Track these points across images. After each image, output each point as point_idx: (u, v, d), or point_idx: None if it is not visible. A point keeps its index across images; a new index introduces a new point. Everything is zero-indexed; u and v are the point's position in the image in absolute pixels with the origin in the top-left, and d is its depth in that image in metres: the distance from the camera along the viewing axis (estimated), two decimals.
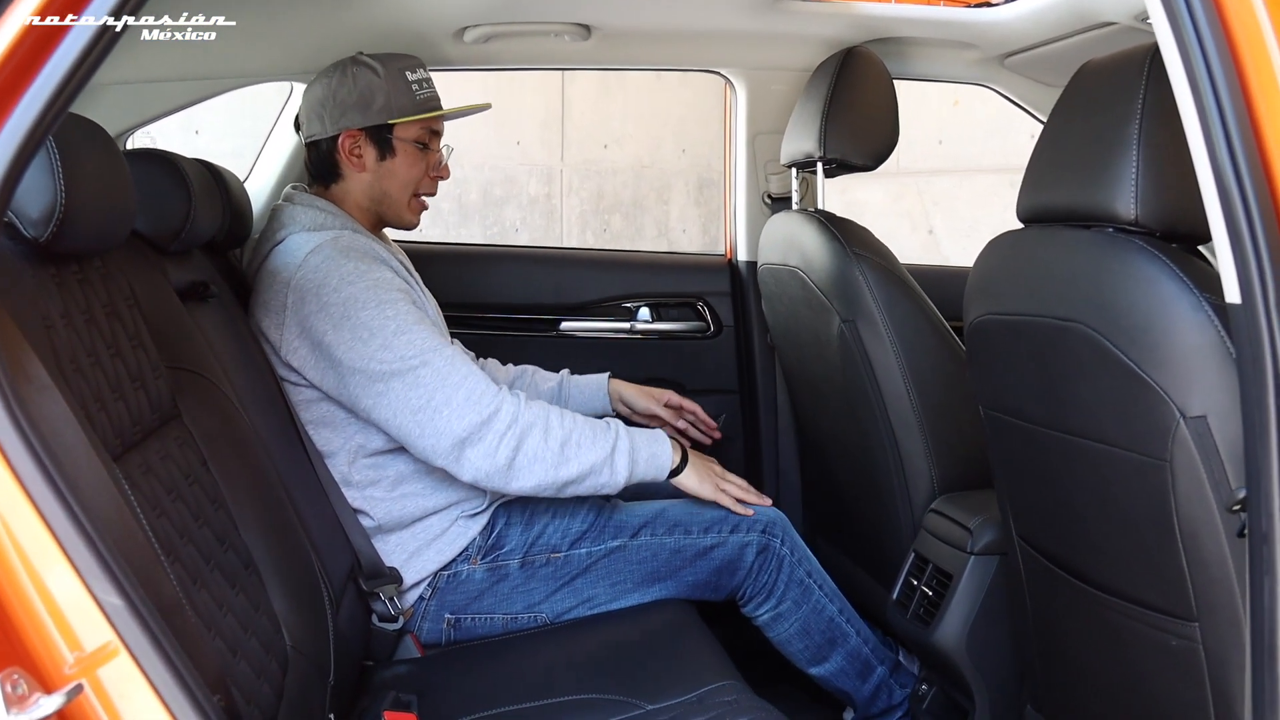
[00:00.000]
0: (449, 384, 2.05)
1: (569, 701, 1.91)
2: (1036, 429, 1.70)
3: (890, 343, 2.27)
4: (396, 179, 2.31)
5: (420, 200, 2.37)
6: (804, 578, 2.36)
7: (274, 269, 2.16)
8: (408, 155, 2.30)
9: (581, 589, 2.27)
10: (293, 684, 1.64)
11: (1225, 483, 1.37)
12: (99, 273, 1.57)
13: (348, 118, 2.26)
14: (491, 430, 2.05)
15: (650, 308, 3.17)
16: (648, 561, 2.28)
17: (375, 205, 2.32)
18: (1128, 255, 1.44)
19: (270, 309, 2.14)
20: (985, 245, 1.82)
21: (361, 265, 2.11)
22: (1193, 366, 1.37)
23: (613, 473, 2.14)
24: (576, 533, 2.28)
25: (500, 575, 2.25)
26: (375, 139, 2.28)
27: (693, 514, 2.32)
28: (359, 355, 2.05)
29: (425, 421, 2.05)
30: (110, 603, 1.02)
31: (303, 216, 2.23)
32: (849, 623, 2.41)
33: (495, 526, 2.27)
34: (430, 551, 2.22)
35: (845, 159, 2.46)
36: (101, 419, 1.41)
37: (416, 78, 2.29)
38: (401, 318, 2.08)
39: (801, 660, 2.42)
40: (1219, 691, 1.47)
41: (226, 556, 1.62)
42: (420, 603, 2.24)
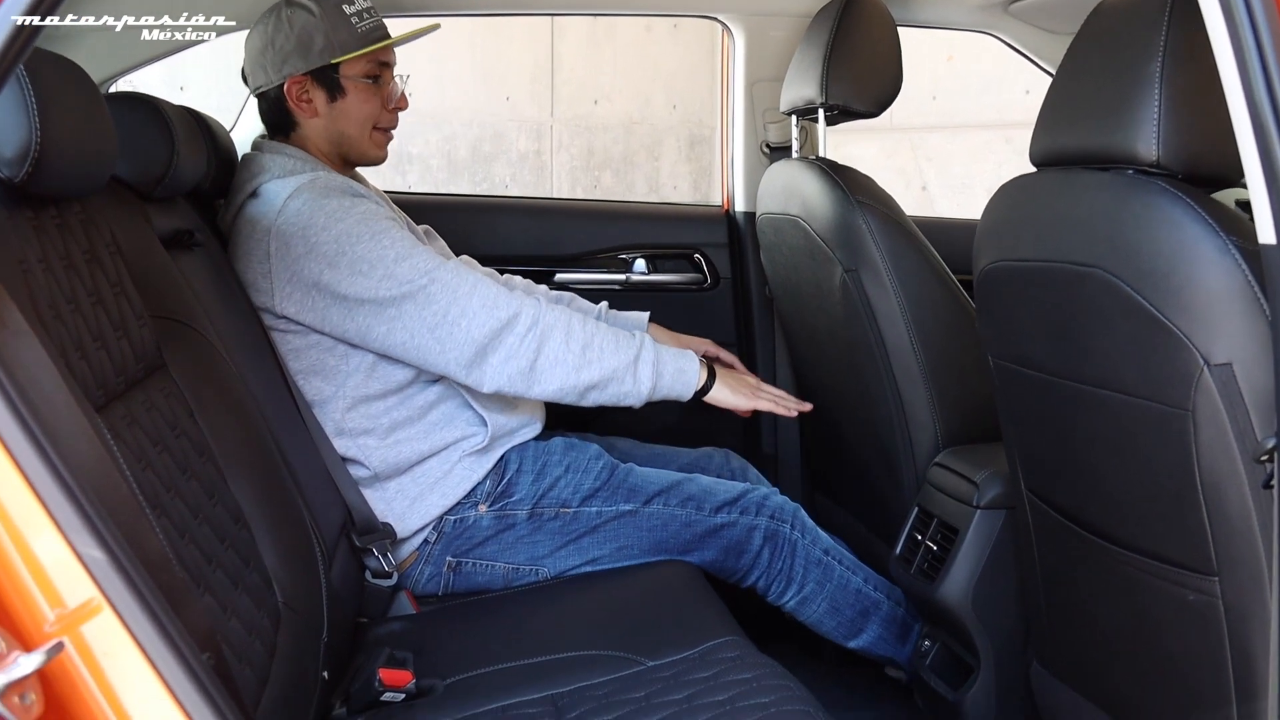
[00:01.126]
0: (460, 294, 2.04)
1: (568, 658, 1.88)
2: (1050, 379, 1.66)
3: (894, 293, 2.22)
4: (351, 118, 2.23)
5: (382, 133, 2.29)
6: (821, 556, 2.33)
7: (252, 219, 2.11)
8: (359, 92, 2.23)
9: (587, 548, 2.23)
10: (285, 641, 1.60)
11: (1250, 432, 1.32)
12: (79, 218, 1.52)
13: (290, 64, 2.17)
14: (512, 333, 2.04)
15: (646, 259, 3.11)
16: (657, 530, 2.25)
17: (336, 147, 2.26)
18: (1149, 197, 1.39)
19: (253, 259, 2.09)
20: (996, 190, 1.77)
21: (345, 201, 2.07)
22: (1218, 312, 1.32)
23: (636, 381, 2.13)
24: (589, 489, 2.24)
25: (507, 524, 2.21)
26: (322, 81, 2.20)
27: (707, 491, 2.29)
28: (363, 288, 2.02)
29: (445, 336, 2.03)
30: (92, 556, 0.97)
31: (273, 164, 2.17)
32: (877, 589, 2.39)
33: (506, 473, 2.23)
34: (434, 495, 2.18)
35: (848, 105, 2.40)
36: (83, 368, 1.36)
37: (355, 9, 2.18)
38: (399, 245, 2.05)
39: (838, 637, 2.39)
40: (1238, 647, 1.44)
41: (215, 510, 1.57)
42: (425, 546, 2.20)
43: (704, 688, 1.71)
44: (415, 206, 2.68)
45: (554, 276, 3.08)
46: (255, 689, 1.45)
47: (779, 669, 1.77)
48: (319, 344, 2.12)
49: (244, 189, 2.17)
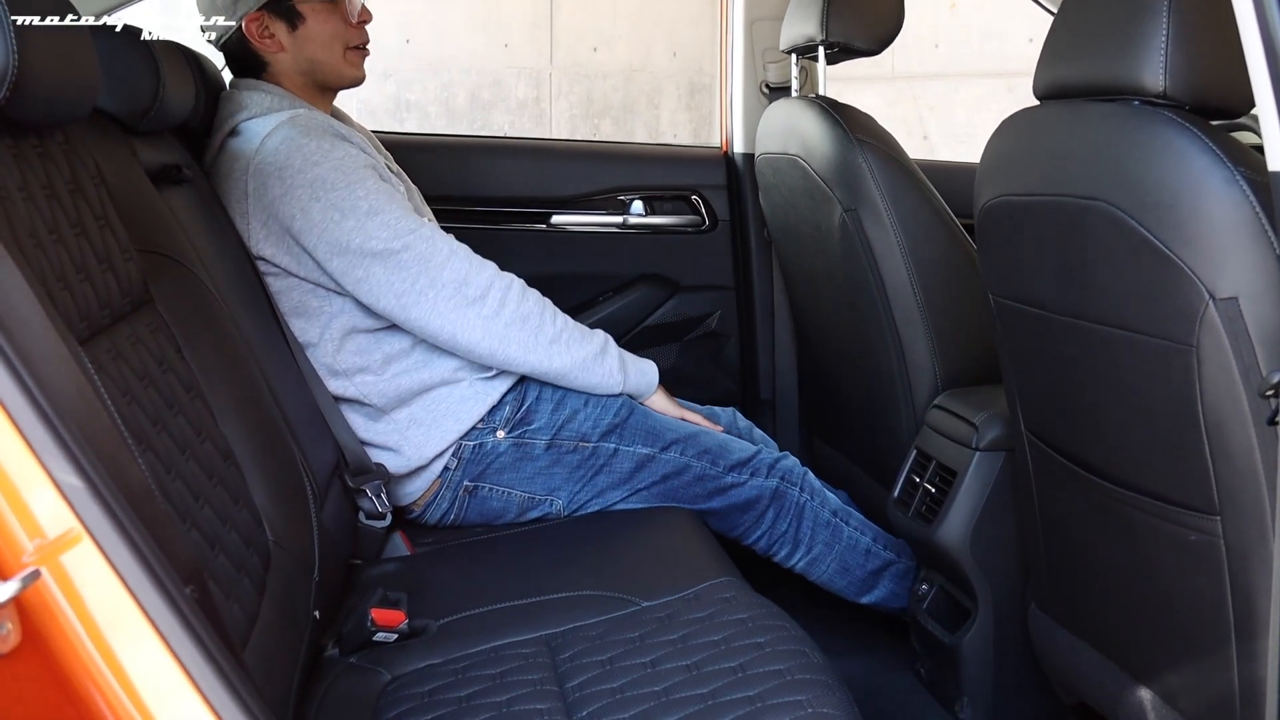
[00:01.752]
0: (433, 265, 2.04)
1: (563, 599, 1.87)
2: (1051, 316, 1.63)
3: (894, 232, 2.19)
4: (317, 42, 2.20)
5: (356, 51, 2.25)
6: (830, 518, 2.33)
7: (232, 157, 2.10)
8: (317, 14, 2.19)
9: (601, 486, 2.23)
10: (275, 579, 1.59)
11: (1256, 368, 1.30)
12: (61, 148, 1.48)
13: (241, 4, 2.15)
14: (482, 309, 2.06)
15: (643, 201, 3.08)
16: (670, 478, 2.24)
17: (311, 77, 2.23)
18: (1155, 127, 1.36)
19: (232, 198, 2.08)
20: (999, 124, 1.74)
21: (324, 144, 2.05)
22: (1224, 245, 1.29)
23: (606, 373, 2.18)
24: (607, 425, 2.22)
25: (525, 453, 2.20)
26: (279, 13, 2.17)
27: (723, 448, 2.28)
28: (334, 235, 2.01)
29: (410, 304, 2.04)
30: (70, 484, 0.94)
31: (251, 101, 2.15)
32: (887, 548, 2.39)
33: (526, 399, 2.22)
34: (448, 421, 2.17)
35: (849, 42, 2.36)
36: (65, 299, 1.33)
37: None
38: (373, 196, 2.04)
39: (851, 594, 2.40)
40: (1239, 587, 1.42)
41: (203, 447, 1.55)
42: (446, 473, 2.20)
43: (699, 628, 1.69)
44: (412, 147, 2.66)
45: (551, 218, 3.05)
46: (244, 626, 1.43)
47: (775, 609, 1.75)
48: (299, 285, 2.10)
49: (223, 127, 2.15)
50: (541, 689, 1.60)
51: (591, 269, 2.92)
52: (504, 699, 1.58)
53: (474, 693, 1.61)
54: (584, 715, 1.52)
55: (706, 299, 3.05)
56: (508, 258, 2.63)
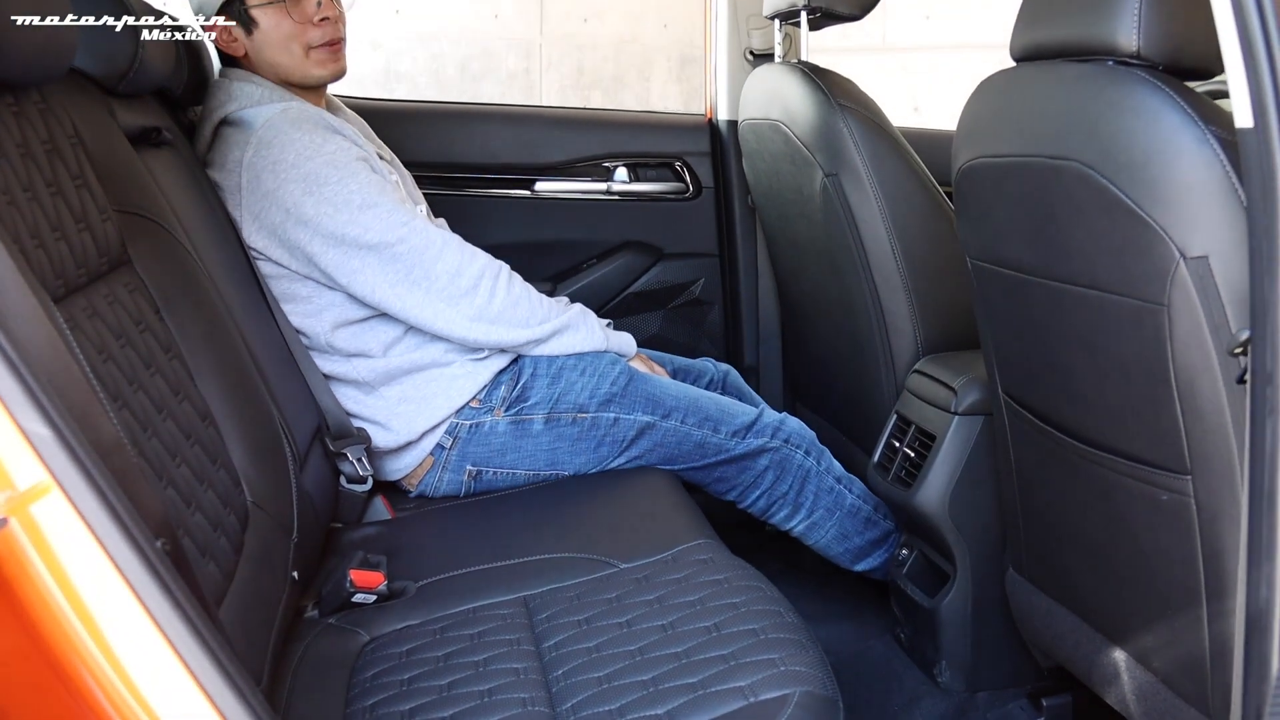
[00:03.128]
0: (426, 257, 2.06)
1: (541, 560, 1.87)
2: (1026, 278, 1.64)
3: (875, 197, 2.19)
4: (272, 45, 2.17)
5: (322, 49, 2.20)
6: (834, 484, 2.34)
7: (225, 147, 2.11)
8: (269, 17, 2.16)
9: (605, 455, 2.23)
10: (253, 539, 1.60)
11: (1226, 327, 1.31)
12: (37, 107, 1.48)
13: (202, 13, 2.17)
14: (472, 302, 2.09)
15: (628, 168, 3.08)
16: (670, 447, 2.25)
17: (277, 74, 2.20)
18: (1128, 86, 1.37)
19: (226, 189, 2.09)
20: (976, 86, 1.74)
21: (316, 137, 2.05)
22: (1195, 204, 1.30)
23: (589, 331, 2.22)
24: (605, 394, 2.22)
25: (524, 431, 2.20)
26: (234, 17, 2.16)
27: (725, 413, 2.28)
28: (329, 228, 2.02)
29: (405, 292, 2.06)
30: (38, 434, 0.95)
31: (243, 93, 2.15)
32: (886, 517, 2.40)
33: (521, 378, 2.22)
34: (439, 398, 2.18)
35: (831, 7, 2.35)
36: (40, 257, 1.34)
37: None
38: (366, 190, 2.04)
39: (845, 560, 2.41)
40: (1209, 546, 1.43)
41: (181, 407, 1.55)
42: (440, 451, 2.20)
43: (675, 588, 1.70)
44: (396, 114, 2.64)
45: (535, 185, 3.05)
46: (220, 583, 1.44)
47: (751, 571, 1.76)
48: (291, 275, 2.11)
49: (215, 114, 2.14)
50: (519, 648, 1.60)
51: (575, 236, 2.92)
52: (481, 658, 1.59)
53: (451, 652, 1.62)
54: (560, 674, 1.53)
55: (690, 266, 3.06)
56: (492, 225, 2.64)
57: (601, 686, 1.48)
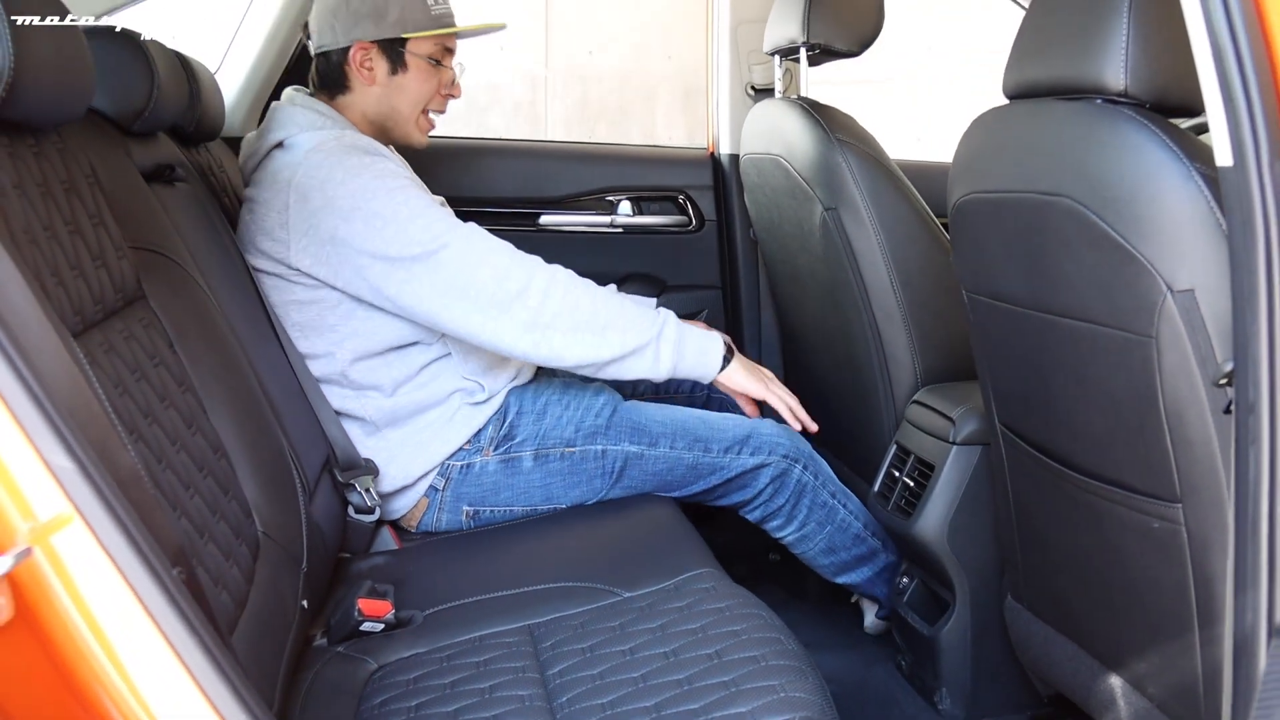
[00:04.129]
0: (471, 261, 2.03)
1: (546, 590, 1.90)
2: (1019, 310, 1.67)
3: (874, 231, 2.23)
4: (407, 94, 2.26)
5: (429, 118, 2.32)
6: (828, 499, 2.36)
7: (274, 170, 2.13)
8: (420, 71, 2.25)
9: (597, 487, 2.25)
10: (263, 569, 1.62)
11: (1212, 358, 1.34)
12: (56, 148, 1.52)
13: (360, 28, 2.20)
14: (524, 307, 2.03)
15: (631, 201, 3.13)
16: (663, 474, 2.27)
17: (382, 120, 2.27)
18: (1115, 125, 1.40)
19: (272, 208, 2.10)
20: (970, 124, 1.78)
21: (364, 159, 2.08)
22: (1181, 238, 1.34)
23: (656, 359, 2.11)
24: (590, 427, 2.25)
25: (514, 469, 2.23)
26: (387, 52, 2.23)
27: (715, 431, 2.30)
28: (375, 243, 2.03)
29: (452, 303, 2.03)
30: (62, 467, 0.98)
31: (301, 117, 2.18)
32: (875, 536, 2.42)
33: (508, 416, 2.25)
34: (436, 443, 2.21)
35: (829, 44, 2.39)
36: (59, 294, 1.37)
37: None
38: (413, 203, 2.06)
39: (828, 573, 2.44)
40: (1200, 573, 1.46)
41: (194, 439, 1.58)
42: (434, 493, 2.23)
43: (677, 617, 1.73)
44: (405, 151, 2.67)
45: (539, 219, 3.09)
46: (232, 612, 1.47)
47: (752, 599, 1.79)
48: (324, 300, 2.12)
49: (270, 138, 2.18)
50: (523, 676, 1.63)
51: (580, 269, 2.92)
52: (486, 685, 1.62)
53: (458, 680, 1.65)
54: (564, 701, 1.56)
55: (693, 298, 3.09)
56: None
57: (605, 713, 1.51)
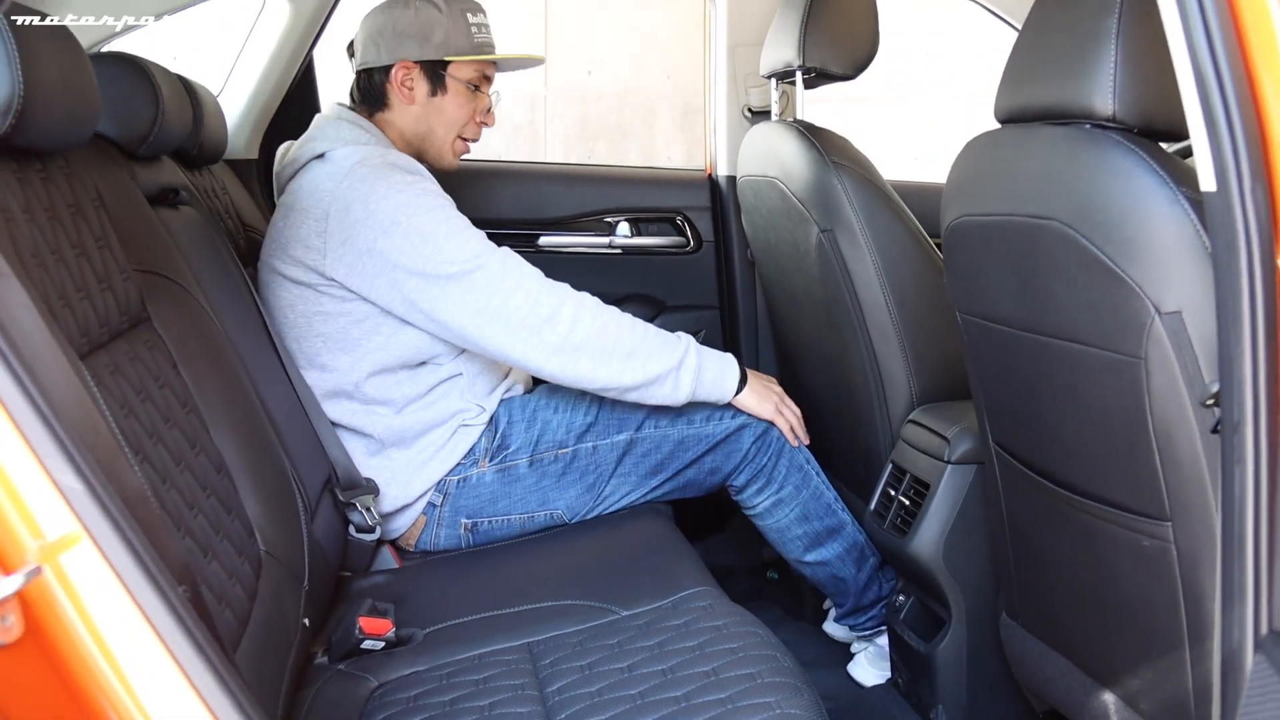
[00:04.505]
0: (504, 287, 2.09)
1: (545, 608, 1.92)
2: (1011, 332, 1.69)
3: (869, 252, 2.25)
4: (444, 116, 2.32)
5: (463, 143, 2.38)
6: (804, 464, 2.38)
7: (315, 180, 2.16)
8: (459, 94, 2.31)
9: (594, 484, 2.29)
10: (266, 587, 1.64)
11: (1199, 378, 1.36)
12: (63, 172, 1.55)
13: (404, 48, 2.26)
14: (555, 329, 2.09)
15: (630, 223, 3.16)
16: (652, 454, 2.30)
17: (418, 140, 2.33)
18: (1104, 149, 1.43)
19: (309, 217, 2.13)
20: (962, 148, 1.81)
21: (407, 177, 2.13)
22: (1168, 261, 1.36)
23: (676, 386, 2.20)
24: (581, 426, 2.29)
25: (511, 477, 2.26)
26: (429, 73, 2.28)
27: (694, 404, 2.31)
28: (413, 259, 2.07)
29: (484, 324, 2.09)
30: (70, 486, 1.00)
31: (346, 132, 2.23)
32: (844, 510, 2.44)
33: (498, 426, 2.28)
34: (435, 462, 2.24)
35: (825, 68, 2.42)
36: (66, 316, 1.40)
37: (477, 21, 2.30)
38: (451, 222, 2.12)
39: (799, 548, 2.43)
40: (1190, 590, 1.48)
41: (198, 459, 1.61)
42: (432, 510, 2.25)
43: (675, 634, 1.75)
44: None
45: (539, 240, 3.12)
46: (235, 630, 1.49)
47: (749, 617, 1.81)
48: (351, 313, 2.16)
49: (310, 149, 2.22)
50: (523, 693, 1.65)
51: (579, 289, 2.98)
52: (486, 703, 1.64)
53: (457, 697, 1.67)
54: (563, 718, 1.57)
55: (692, 318, 3.12)
56: None
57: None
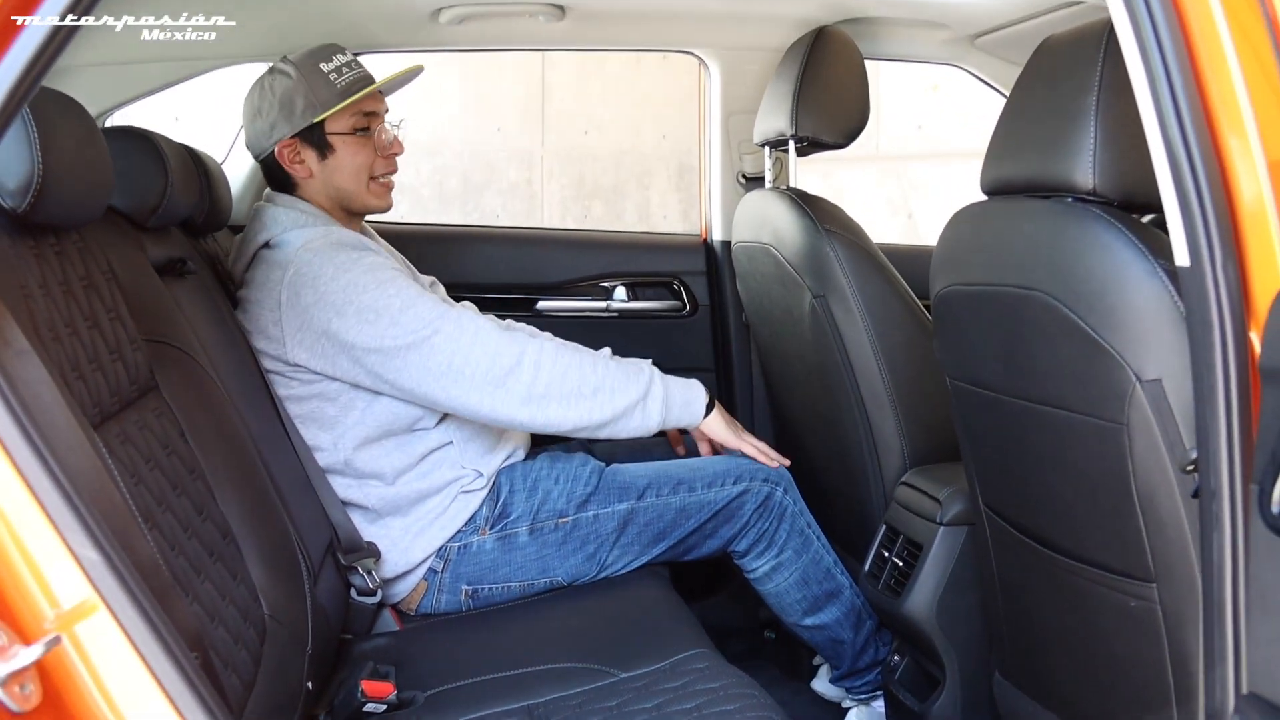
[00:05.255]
0: (463, 345, 2.10)
1: (545, 670, 1.94)
2: (999, 397, 1.74)
3: (861, 318, 2.29)
4: (344, 172, 2.29)
5: (380, 183, 2.34)
6: (804, 528, 2.39)
7: (266, 268, 2.19)
8: (348, 146, 2.28)
9: (594, 552, 2.30)
10: (270, 652, 1.67)
11: (1180, 444, 1.40)
12: (76, 246, 1.59)
13: (277, 130, 2.25)
14: (519, 380, 2.10)
15: (627, 287, 3.20)
16: (654, 523, 2.31)
17: (337, 201, 2.32)
18: (1085, 223, 1.48)
19: (264, 307, 2.16)
20: (949, 219, 1.86)
21: (353, 254, 2.14)
22: (1148, 330, 1.41)
23: (646, 416, 2.21)
24: (581, 495, 2.30)
25: (511, 545, 2.27)
26: (310, 141, 2.27)
27: (694, 471, 2.35)
28: (368, 336, 2.09)
29: (450, 384, 2.10)
30: (88, 557, 1.04)
31: (285, 217, 2.24)
32: (843, 574, 2.44)
33: (500, 494, 2.30)
34: (434, 530, 2.25)
35: (816, 137, 2.48)
36: (80, 388, 1.43)
37: (334, 65, 2.25)
38: (404, 294, 2.12)
39: (798, 611, 2.43)
40: (1176, 651, 1.51)
41: (204, 526, 1.64)
42: (433, 575, 2.27)
43: (673, 697, 1.78)
44: (402, 236, 2.75)
45: (536, 304, 3.16)
46: (241, 694, 1.51)
47: (746, 679, 1.83)
48: (322, 393, 2.18)
49: (256, 239, 2.24)
50: None
51: None
52: None
53: None
54: None
55: None
56: None
57: None
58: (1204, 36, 1.23)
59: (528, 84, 6.16)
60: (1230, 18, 1.22)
